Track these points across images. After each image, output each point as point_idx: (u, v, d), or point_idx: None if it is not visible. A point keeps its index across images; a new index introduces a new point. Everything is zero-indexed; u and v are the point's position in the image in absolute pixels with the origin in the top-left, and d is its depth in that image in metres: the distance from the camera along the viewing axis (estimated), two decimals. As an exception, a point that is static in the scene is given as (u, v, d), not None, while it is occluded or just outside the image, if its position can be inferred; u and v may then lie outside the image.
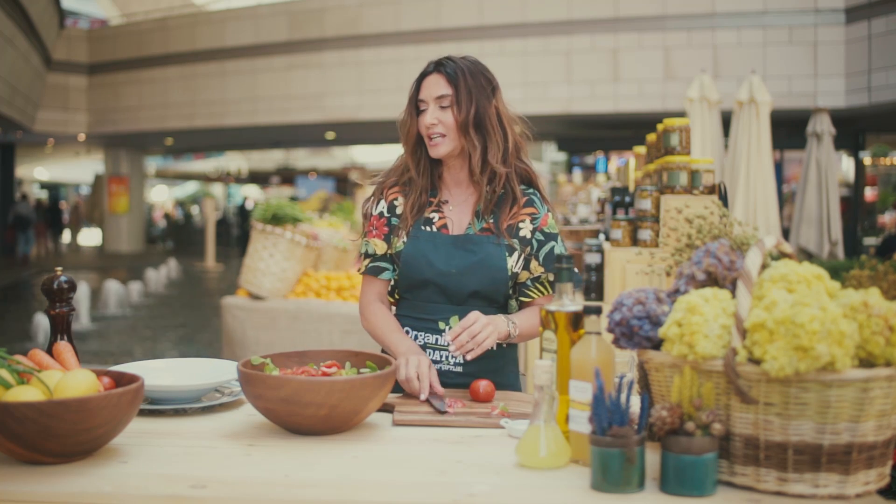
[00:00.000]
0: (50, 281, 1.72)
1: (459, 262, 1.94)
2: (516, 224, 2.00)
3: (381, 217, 2.04)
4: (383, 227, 2.03)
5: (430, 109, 1.94)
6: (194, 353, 7.91)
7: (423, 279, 1.95)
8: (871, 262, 1.37)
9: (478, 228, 1.99)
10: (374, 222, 2.05)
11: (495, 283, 1.95)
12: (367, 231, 2.05)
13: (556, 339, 1.44)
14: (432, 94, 1.94)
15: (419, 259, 1.95)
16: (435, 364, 1.95)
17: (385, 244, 2.02)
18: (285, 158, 27.15)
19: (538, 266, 2.00)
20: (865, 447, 1.18)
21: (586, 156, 16.57)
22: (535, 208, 2.02)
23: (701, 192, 3.42)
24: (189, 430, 1.58)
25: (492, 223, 1.98)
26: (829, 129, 8.16)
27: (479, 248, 1.95)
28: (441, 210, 2.02)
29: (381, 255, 2.03)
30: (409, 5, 13.97)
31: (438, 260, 1.94)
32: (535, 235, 2.01)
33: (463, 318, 1.91)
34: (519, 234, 1.99)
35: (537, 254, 2.01)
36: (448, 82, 1.94)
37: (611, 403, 1.24)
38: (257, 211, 5.75)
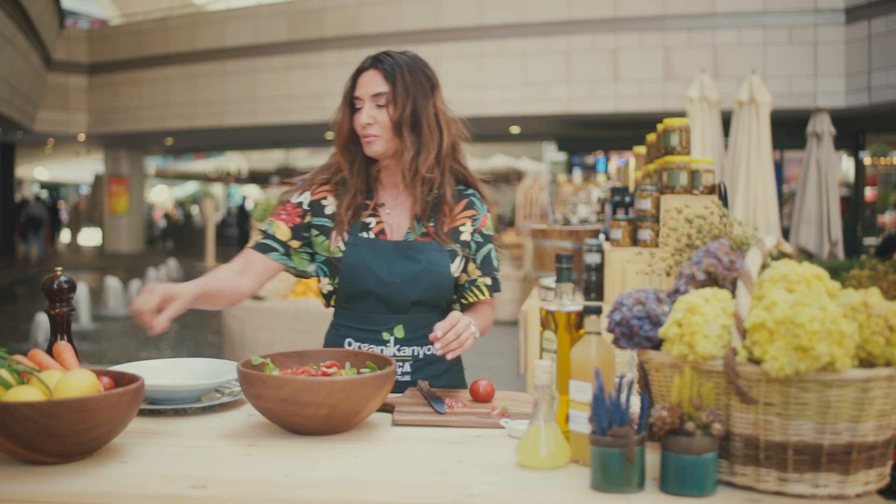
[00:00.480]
0: (50, 281, 1.72)
1: (402, 271, 1.87)
2: (457, 227, 1.95)
3: (298, 207, 1.95)
4: (296, 217, 1.94)
5: (365, 107, 1.86)
6: (194, 353, 7.91)
7: (364, 289, 1.88)
8: (871, 262, 1.37)
9: (418, 233, 1.92)
10: (287, 208, 1.95)
11: (439, 290, 1.91)
12: (276, 213, 1.95)
13: (556, 339, 1.44)
14: (368, 92, 1.86)
15: (360, 268, 1.88)
16: None
17: (290, 232, 1.93)
18: (285, 158, 27.15)
19: (475, 269, 1.97)
20: (865, 447, 1.18)
21: (586, 156, 16.56)
22: (475, 209, 1.98)
23: (701, 192, 3.42)
24: (189, 430, 1.58)
25: (432, 227, 1.93)
26: (829, 129, 8.17)
27: (422, 256, 1.89)
28: (378, 214, 1.94)
29: (278, 238, 1.92)
30: (409, 5, 13.97)
31: (380, 269, 1.87)
32: (473, 237, 1.97)
33: (407, 326, 1.89)
34: (461, 237, 1.95)
35: (475, 256, 1.97)
36: (385, 79, 1.86)
37: (611, 403, 1.24)
38: (257, 211, 5.75)
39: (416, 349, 1.92)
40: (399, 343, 1.91)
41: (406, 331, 1.91)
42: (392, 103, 1.85)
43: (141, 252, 21.28)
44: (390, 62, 1.88)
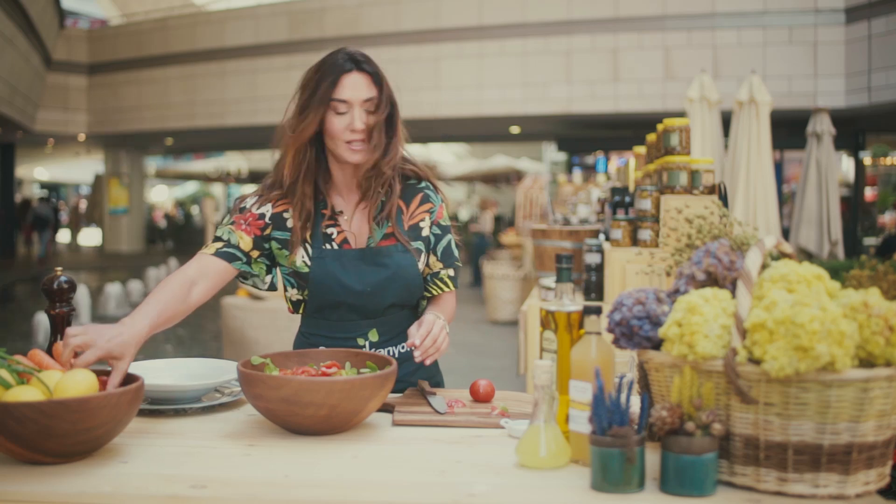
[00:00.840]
0: (50, 281, 1.72)
1: (372, 278, 1.84)
2: (417, 224, 1.93)
3: (260, 219, 1.87)
4: (256, 228, 1.87)
5: (357, 112, 1.77)
6: (194, 353, 7.91)
7: (336, 301, 1.85)
8: (871, 262, 1.37)
9: (380, 237, 1.88)
10: (248, 217, 1.87)
11: (411, 291, 1.89)
12: (235, 222, 1.86)
13: (556, 339, 1.44)
14: (360, 97, 1.77)
15: (329, 281, 1.83)
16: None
17: (251, 243, 1.85)
18: (285, 158, 27.11)
19: (437, 262, 1.94)
20: (865, 447, 1.18)
21: (586, 156, 16.57)
22: (430, 202, 1.95)
23: (701, 192, 3.42)
24: (189, 430, 1.58)
25: (394, 228, 1.88)
26: (829, 129, 8.17)
27: (389, 261, 1.86)
28: (338, 223, 1.88)
29: (240, 249, 1.85)
30: (409, 5, 13.98)
31: (350, 279, 1.84)
32: (432, 230, 1.94)
33: (381, 329, 1.88)
34: (422, 234, 1.92)
35: (435, 248, 1.94)
36: (373, 83, 1.80)
37: (611, 403, 1.24)
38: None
39: (391, 349, 1.92)
40: (374, 346, 1.90)
41: (380, 333, 1.91)
42: (377, 109, 1.80)
43: (141, 252, 21.28)
44: (372, 66, 1.81)
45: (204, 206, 22.87)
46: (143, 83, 17.21)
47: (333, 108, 1.79)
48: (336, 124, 1.79)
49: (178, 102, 16.66)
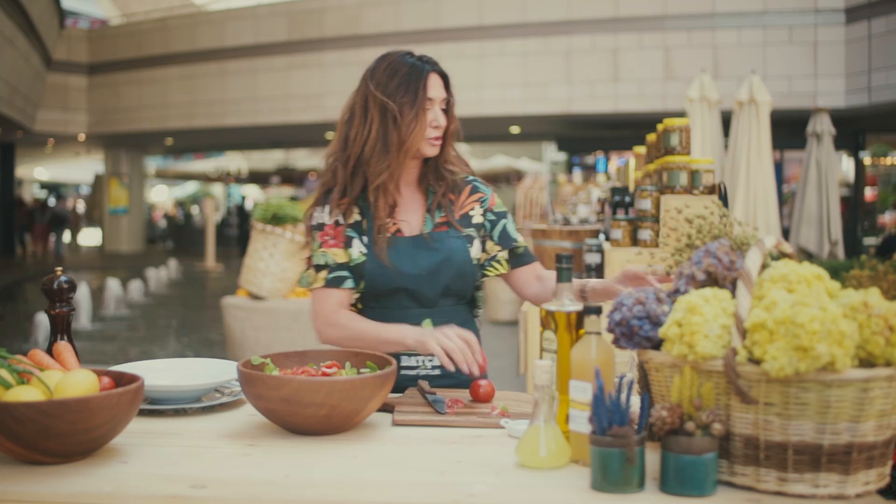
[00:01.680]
0: (50, 281, 1.72)
1: (426, 262, 1.90)
2: (467, 213, 2.00)
3: (338, 226, 1.93)
4: (340, 235, 1.92)
5: (436, 110, 1.90)
6: (194, 353, 7.91)
7: (392, 287, 1.89)
8: (871, 262, 1.37)
9: (433, 226, 1.96)
10: (328, 231, 1.93)
11: (464, 276, 1.94)
12: (322, 241, 1.92)
13: (556, 339, 1.44)
14: (440, 95, 1.91)
15: (384, 267, 1.89)
16: (411, 370, 1.93)
17: (345, 253, 1.92)
18: (285, 158, 27.14)
19: (494, 245, 2.01)
20: (865, 447, 1.18)
21: (586, 156, 16.57)
22: (481, 192, 2.03)
23: (701, 192, 3.42)
24: (189, 430, 1.58)
25: (444, 217, 1.97)
26: (829, 129, 8.17)
27: (441, 245, 1.93)
28: (392, 215, 1.95)
29: (339, 263, 1.91)
30: (409, 5, 13.98)
31: (404, 264, 1.89)
32: (486, 216, 2.02)
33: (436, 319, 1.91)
34: (472, 221, 2.00)
35: (491, 233, 2.01)
36: (445, 85, 1.93)
37: (611, 403, 1.24)
38: (257, 211, 5.76)
39: None
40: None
41: (434, 324, 1.93)
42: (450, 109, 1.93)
43: (141, 252, 21.28)
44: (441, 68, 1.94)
45: (204, 206, 22.89)
46: (143, 83, 17.21)
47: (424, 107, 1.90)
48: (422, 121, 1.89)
49: (178, 102, 16.66)
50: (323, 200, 1.96)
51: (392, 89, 1.88)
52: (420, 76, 1.88)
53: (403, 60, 1.90)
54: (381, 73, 1.90)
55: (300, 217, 5.74)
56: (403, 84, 1.87)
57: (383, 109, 1.87)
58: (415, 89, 1.87)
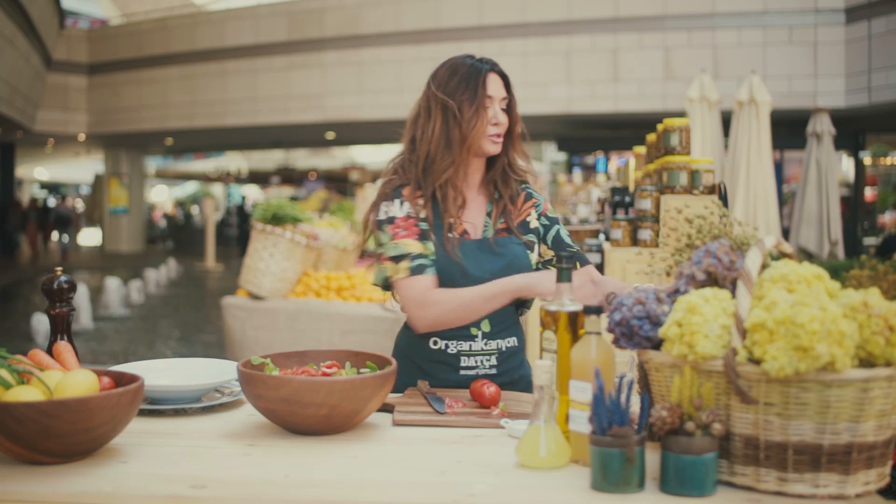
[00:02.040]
0: (50, 281, 1.72)
1: (491, 266, 1.92)
2: (525, 219, 2.04)
3: (409, 217, 1.94)
4: (413, 227, 1.92)
5: (496, 108, 1.94)
6: (194, 353, 7.91)
7: (455, 287, 1.90)
8: (871, 262, 1.37)
9: (494, 230, 2.00)
10: (400, 224, 1.92)
11: None
12: (394, 234, 1.92)
13: (556, 339, 1.44)
14: (499, 94, 1.95)
15: (452, 268, 1.90)
16: (470, 370, 1.94)
17: (419, 244, 1.91)
18: (285, 158, 27.15)
19: (547, 250, 2.05)
20: (865, 447, 1.18)
21: (586, 156, 16.57)
22: (535, 198, 2.08)
23: (701, 192, 3.42)
24: (189, 430, 1.58)
25: (504, 223, 2.01)
26: (829, 129, 8.17)
27: (505, 251, 1.96)
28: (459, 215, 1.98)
29: (416, 254, 1.89)
30: (409, 5, 13.98)
31: (471, 266, 1.91)
32: (540, 221, 2.06)
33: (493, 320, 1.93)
34: (530, 227, 2.04)
35: (545, 238, 2.05)
36: (504, 85, 1.97)
37: (611, 403, 1.24)
38: (257, 211, 5.75)
39: (499, 342, 1.97)
40: (486, 337, 1.95)
41: (491, 325, 1.95)
42: (511, 109, 1.97)
43: (141, 252, 21.28)
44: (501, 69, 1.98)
45: (204, 206, 22.89)
46: (143, 83, 17.21)
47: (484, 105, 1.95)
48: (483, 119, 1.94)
49: (178, 102, 16.65)
50: (392, 195, 1.97)
51: (452, 88, 1.94)
52: (479, 74, 1.94)
53: (463, 62, 1.97)
54: (442, 74, 1.97)
55: (300, 217, 5.74)
56: (463, 82, 1.94)
57: (444, 108, 1.94)
58: (474, 87, 1.93)
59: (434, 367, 1.95)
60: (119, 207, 21.33)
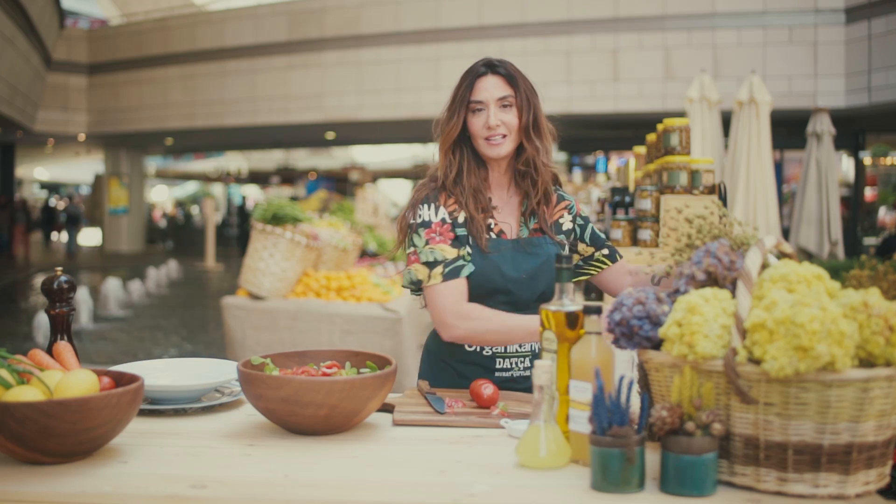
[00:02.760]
0: (50, 281, 1.72)
1: (527, 266, 1.94)
2: (557, 220, 2.06)
3: (444, 223, 1.94)
4: (448, 232, 1.94)
5: (491, 110, 1.93)
6: (194, 353, 7.91)
7: (493, 288, 1.92)
8: (871, 262, 1.37)
9: (528, 231, 2.01)
10: (436, 229, 1.94)
11: None
12: (429, 239, 1.93)
13: (556, 339, 1.44)
14: (493, 96, 1.94)
15: (490, 267, 1.92)
16: (505, 372, 1.96)
17: (454, 249, 1.92)
18: (285, 158, 27.16)
19: (587, 247, 2.07)
20: (865, 447, 1.18)
21: (586, 156, 16.57)
22: (566, 200, 2.10)
23: (701, 192, 3.41)
24: (189, 430, 1.58)
25: (538, 224, 2.02)
26: (829, 129, 8.17)
27: (540, 251, 1.98)
28: (493, 216, 2.00)
29: (451, 258, 1.91)
30: (409, 5, 13.97)
31: (507, 266, 1.93)
32: (576, 222, 2.08)
33: None
34: (563, 228, 2.05)
35: (582, 237, 2.08)
36: (508, 83, 1.95)
37: (611, 403, 1.24)
38: (257, 211, 5.75)
39: (533, 344, 1.98)
40: None
41: None
42: (517, 107, 1.95)
43: (141, 252, 21.27)
44: (506, 68, 1.96)
45: (204, 206, 22.90)
46: (143, 83, 17.21)
47: (471, 109, 1.96)
48: (475, 123, 1.96)
49: (178, 102, 16.65)
50: (427, 199, 1.97)
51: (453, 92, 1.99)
52: (466, 79, 1.96)
53: (475, 65, 1.98)
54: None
55: (300, 217, 5.74)
56: (457, 86, 1.98)
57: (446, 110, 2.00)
58: (456, 91, 1.97)
59: (469, 369, 1.97)
60: (119, 207, 21.33)
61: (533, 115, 1.96)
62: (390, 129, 15.99)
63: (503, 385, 1.95)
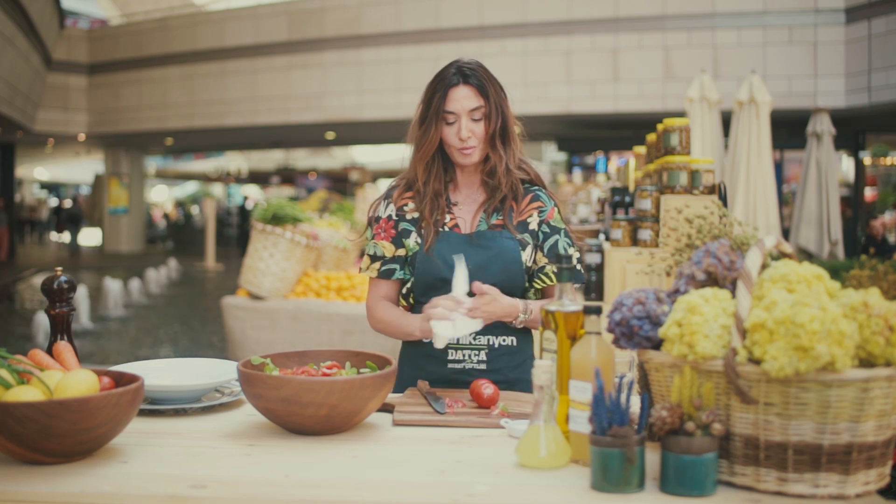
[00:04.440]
0: (50, 281, 1.72)
1: (475, 258, 1.94)
2: (525, 220, 2.04)
3: (390, 220, 2.04)
4: (391, 229, 2.03)
5: (463, 122, 1.94)
6: (194, 353, 7.91)
7: (440, 279, 1.94)
8: (871, 262, 1.37)
9: (488, 226, 2.01)
10: (382, 225, 2.04)
11: (511, 276, 1.96)
12: (375, 234, 2.05)
13: (556, 339, 1.44)
14: (465, 108, 1.95)
15: (435, 259, 1.95)
16: (458, 363, 1.96)
17: (393, 247, 2.03)
18: (285, 158, 27.15)
19: (542, 257, 2.04)
20: (865, 447, 1.18)
21: (586, 156, 16.57)
22: (541, 202, 2.07)
23: (701, 192, 3.42)
24: (189, 430, 1.58)
25: (501, 220, 2.02)
26: (829, 129, 8.17)
27: (493, 243, 1.97)
28: (451, 211, 2.03)
29: (389, 257, 2.03)
30: (409, 5, 13.97)
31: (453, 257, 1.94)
32: (541, 227, 2.05)
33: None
34: (528, 228, 2.04)
35: (542, 245, 2.05)
36: (479, 94, 1.96)
37: (611, 403, 1.24)
38: (257, 211, 5.75)
39: (491, 338, 1.98)
40: (476, 333, 1.96)
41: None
42: (487, 118, 1.96)
43: (141, 252, 21.27)
44: (478, 77, 1.96)
45: (204, 206, 22.89)
46: (143, 83, 17.20)
47: (444, 119, 1.97)
48: (448, 134, 1.97)
49: (178, 102, 16.65)
50: (385, 195, 2.08)
51: (424, 98, 2.00)
52: (439, 88, 1.96)
53: (446, 71, 1.98)
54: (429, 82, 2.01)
55: (300, 217, 5.74)
56: (429, 93, 1.99)
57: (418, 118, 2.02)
58: (429, 99, 1.97)
59: (425, 361, 1.98)
60: (119, 207, 21.33)
61: (501, 123, 1.98)
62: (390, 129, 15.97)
63: (456, 377, 1.95)
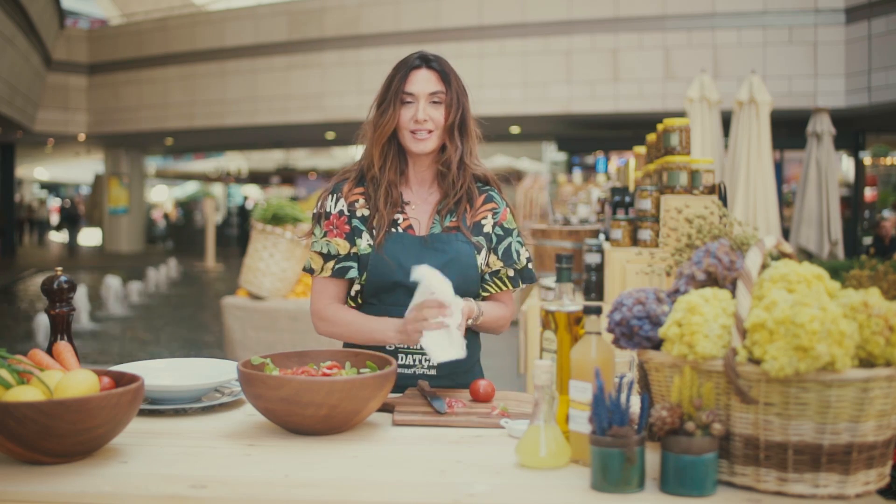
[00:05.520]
0: (50, 281, 1.72)
1: (430, 262, 1.86)
2: (479, 221, 2.00)
3: (342, 215, 1.96)
4: (343, 225, 1.96)
5: (420, 104, 1.90)
6: (194, 353, 7.91)
7: (392, 282, 1.90)
8: (871, 262, 1.37)
9: (442, 228, 1.96)
10: (333, 221, 1.96)
11: (467, 281, 1.93)
12: (327, 230, 1.96)
13: (556, 339, 1.44)
14: (425, 90, 1.91)
15: (383, 264, 1.90)
16: (408, 369, 1.93)
17: (347, 244, 1.95)
18: (285, 158, 27.13)
19: (497, 261, 2.00)
20: (865, 447, 1.18)
21: (586, 156, 16.57)
22: (495, 203, 2.03)
23: (701, 192, 3.42)
24: (189, 430, 1.58)
25: (455, 221, 1.97)
26: (829, 129, 8.17)
27: (448, 247, 1.93)
28: (404, 211, 1.97)
29: (343, 255, 1.95)
30: (409, 5, 13.97)
31: (409, 261, 1.88)
32: (494, 230, 2.01)
33: None
34: (483, 230, 2.00)
35: (496, 248, 2.01)
36: (440, 80, 1.93)
37: (611, 403, 1.24)
38: (257, 211, 5.75)
39: None
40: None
41: None
42: (447, 105, 1.92)
43: (141, 252, 21.27)
44: (440, 64, 1.94)
45: (204, 206, 22.89)
46: (143, 83, 17.20)
47: (402, 100, 1.92)
48: (403, 115, 1.92)
49: (178, 102, 16.65)
50: (334, 189, 2.00)
51: (385, 83, 1.96)
52: (400, 70, 1.93)
53: (408, 57, 1.96)
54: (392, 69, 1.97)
55: (300, 217, 5.74)
56: (389, 77, 1.95)
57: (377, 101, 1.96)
58: (389, 81, 1.94)
59: None
60: (119, 207, 21.33)
61: (461, 115, 1.94)
62: (390, 129, 15.96)
63: (406, 382, 1.90)
